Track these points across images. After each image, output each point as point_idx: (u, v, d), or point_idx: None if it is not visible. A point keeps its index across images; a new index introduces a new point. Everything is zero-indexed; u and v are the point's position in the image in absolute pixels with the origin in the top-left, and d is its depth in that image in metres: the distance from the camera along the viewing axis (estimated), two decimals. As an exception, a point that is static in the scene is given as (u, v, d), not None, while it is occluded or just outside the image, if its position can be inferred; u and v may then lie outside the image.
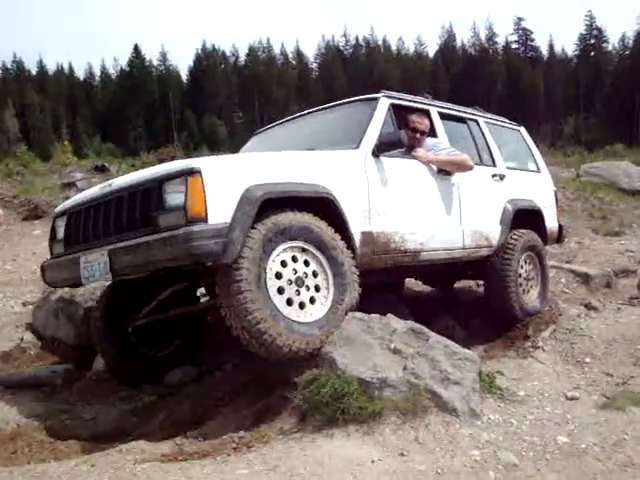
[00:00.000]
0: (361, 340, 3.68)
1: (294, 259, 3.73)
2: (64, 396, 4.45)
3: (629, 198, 14.68)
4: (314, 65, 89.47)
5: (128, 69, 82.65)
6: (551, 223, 6.35)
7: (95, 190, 4.06)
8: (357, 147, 4.41)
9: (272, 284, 3.58)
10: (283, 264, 3.67)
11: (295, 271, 3.71)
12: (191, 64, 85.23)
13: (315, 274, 3.81)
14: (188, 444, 3.51)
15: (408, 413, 3.39)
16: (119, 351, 4.56)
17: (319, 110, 5.43)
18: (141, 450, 3.39)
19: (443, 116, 5.44)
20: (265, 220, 3.56)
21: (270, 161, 3.95)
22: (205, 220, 3.32)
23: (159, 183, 3.49)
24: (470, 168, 5.14)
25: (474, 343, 5.36)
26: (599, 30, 80.00)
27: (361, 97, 5.12)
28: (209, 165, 3.47)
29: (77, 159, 20.44)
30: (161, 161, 18.99)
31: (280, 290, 3.62)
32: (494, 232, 5.48)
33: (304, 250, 3.77)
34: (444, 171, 5.01)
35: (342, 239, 3.95)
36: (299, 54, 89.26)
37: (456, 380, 3.58)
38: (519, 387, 4.23)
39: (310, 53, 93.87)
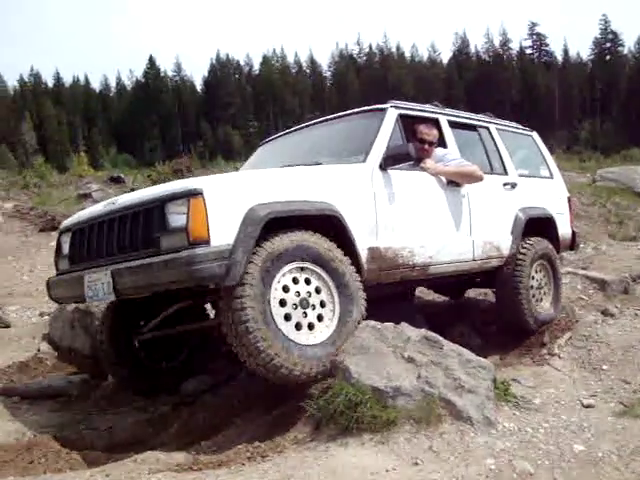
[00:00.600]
0: (375, 349, 3.67)
1: (295, 281, 3.66)
2: (80, 406, 4.48)
3: (646, 202, 14.57)
4: (328, 73, 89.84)
5: (143, 80, 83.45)
6: (564, 230, 6.26)
7: (99, 207, 4.06)
8: (364, 161, 4.35)
9: (278, 313, 3.54)
10: (285, 289, 3.61)
11: (298, 293, 3.66)
12: (205, 74, 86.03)
13: (318, 290, 3.75)
14: (203, 454, 3.50)
15: (422, 422, 3.37)
16: (130, 371, 4.55)
17: (326, 120, 5.38)
18: (156, 460, 3.39)
19: (453, 124, 5.34)
20: (266, 244, 3.52)
21: (274, 179, 3.90)
22: (207, 242, 3.30)
23: (161, 204, 3.47)
24: (480, 179, 5.03)
25: (489, 351, 5.33)
26: (614, 34, 79.65)
27: (368, 107, 5.05)
28: (211, 186, 3.43)
29: (93, 170, 20.70)
30: (176, 172, 19.17)
31: (287, 317, 3.59)
32: (505, 242, 5.38)
33: (303, 269, 3.70)
34: (453, 182, 4.93)
35: (348, 256, 3.90)
36: (313, 63, 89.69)
37: (470, 388, 3.56)
38: (535, 395, 4.20)
39: (324, 62, 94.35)
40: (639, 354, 4.92)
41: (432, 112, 5.22)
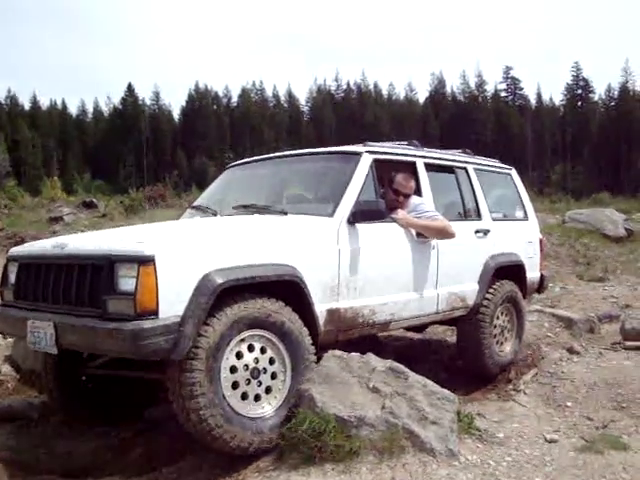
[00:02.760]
0: (340, 378, 3.66)
1: (250, 348, 3.49)
2: (40, 430, 4.38)
3: (613, 244, 14.82)
4: (305, 108, 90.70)
5: (121, 107, 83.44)
6: (533, 274, 6.13)
7: (47, 247, 3.83)
8: (332, 215, 4.11)
9: (226, 380, 3.37)
10: (239, 356, 3.44)
11: (252, 363, 3.48)
12: (184, 104, 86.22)
13: (272, 361, 3.58)
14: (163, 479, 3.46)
15: (385, 452, 3.37)
16: (82, 405, 4.33)
17: (299, 155, 5.13)
18: (114, 486, 3.34)
19: (430, 167, 5.10)
20: (220, 314, 3.32)
21: (233, 238, 3.67)
22: (156, 314, 3.09)
23: (111, 262, 3.22)
24: (451, 236, 4.82)
25: (456, 385, 5.32)
26: (585, 81, 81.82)
27: (343, 149, 4.79)
28: (164, 251, 3.19)
29: (66, 195, 20.52)
30: (150, 199, 19.15)
31: (235, 385, 3.42)
32: (471, 292, 5.25)
33: (259, 337, 3.52)
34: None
35: (304, 318, 3.72)
36: (291, 97, 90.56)
37: (434, 420, 3.57)
38: (499, 429, 4.22)
39: (302, 96, 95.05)
40: (602, 392, 4.98)
41: (409, 155, 4.99)
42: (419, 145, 5.24)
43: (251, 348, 3.49)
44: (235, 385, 3.42)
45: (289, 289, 3.69)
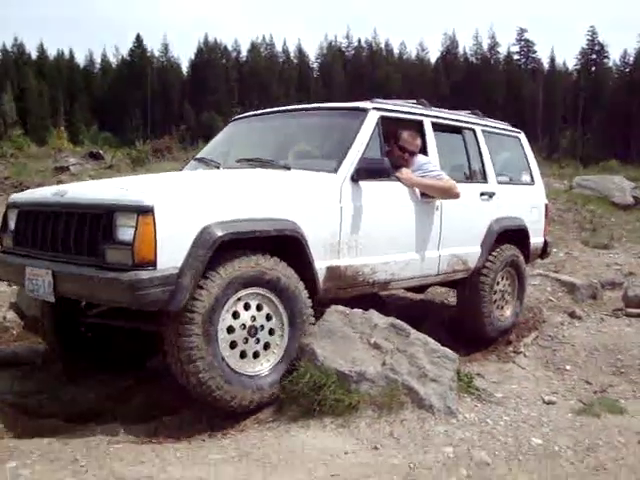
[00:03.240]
0: (342, 333, 3.69)
1: (246, 307, 3.48)
2: (43, 376, 4.43)
3: (620, 212, 14.73)
4: (315, 65, 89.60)
5: (129, 58, 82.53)
6: (536, 239, 6.11)
7: (47, 195, 3.78)
8: (335, 171, 4.06)
9: (224, 341, 3.38)
10: (235, 316, 3.44)
11: (249, 320, 3.48)
12: (192, 57, 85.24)
13: (269, 317, 3.58)
14: (164, 428, 3.50)
15: (384, 408, 3.41)
16: (81, 355, 4.36)
17: (305, 110, 5.05)
18: (116, 432, 3.37)
19: (437, 126, 5.03)
20: (219, 269, 3.30)
21: (234, 191, 3.62)
22: (154, 264, 3.08)
23: (110, 211, 3.21)
24: (456, 196, 4.78)
25: (457, 346, 5.34)
26: (601, 45, 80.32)
27: (349, 105, 4.72)
28: (163, 202, 3.15)
29: (72, 146, 20.43)
30: (156, 152, 19.03)
31: (233, 345, 3.43)
32: (473, 255, 5.23)
33: (256, 295, 3.51)
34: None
35: (303, 275, 3.71)
36: (301, 53, 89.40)
37: (434, 377, 3.60)
38: (497, 389, 4.26)
39: (312, 53, 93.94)
40: (602, 357, 5.01)
41: (417, 114, 4.92)
42: (427, 104, 5.16)
43: (247, 306, 3.48)
44: (233, 345, 3.43)
45: (289, 245, 3.67)
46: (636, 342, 5.19)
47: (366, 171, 4.09)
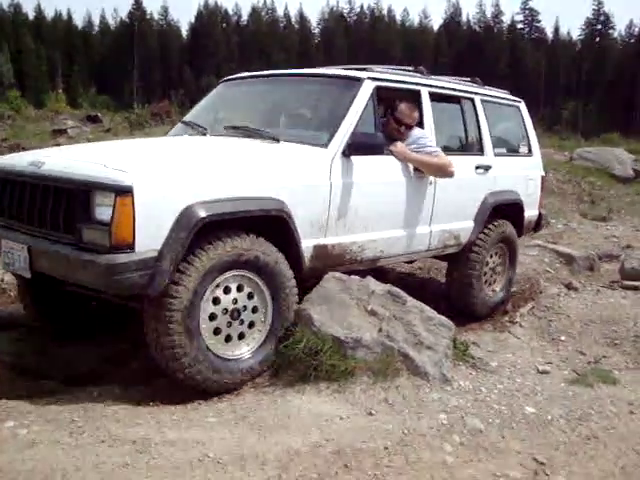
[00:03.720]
0: (339, 299, 3.70)
1: (226, 290, 3.36)
2: (40, 337, 4.44)
3: (620, 185, 14.72)
4: (316, 30, 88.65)
5: (128, 21, 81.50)
6: (531, 212, 5.96)
7: (24, 163, 3.52)
8: (326, 145, 3.89)
9: (206, 328, 3.29)
10: (216, 301, 3.33)
11: (230, 303, 3.38)
12: (192, 20, 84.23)
13: (251, 296, 3.47)
14: (160, 391, 3.52)
15: (379, 374, 3.44)
16: (67, 323, 4.30)
17: (298, 75, 4.83)
18: (113, 394, 3.40)
19: (435, 96, 4.83)
20: (202, 253, 3.18)
21: (219, 169, 3.42)
22: (132, 247, 2.94)
23: (87, 189, 3.04)
24: (450, 176, 4.61)
25: (453, 315, 5.38)
26: (606, 16, 79.56)
27: (344, 73, 4.50)
28: (144, 181, 2.99)
29: (70, 109, 20.27)
30: (155, 116, 18.90)
31: (216, 331, 3.35)
32: (466, 230, 5.10)
33: (237, 276, 3.39)
34: None
35: (288, 253, 3.60)
36: (302, 18, 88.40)
37: (429, 345, 3.62)
38: (492, 358, 4.29)
39: (313, 18, 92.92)
40: (597, 328, 5.04)
41: (414, 84, 4.72)
42: (425, 72, 4.99)
43: (227, 290, 3.38)
44: (217, 331, 3.36)
45: (275, 224, 3.54)
46: (631, 314, 5.22)
47: (358, 146, 3.94)
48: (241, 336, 3.47)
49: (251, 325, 3.51)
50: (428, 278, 6.55)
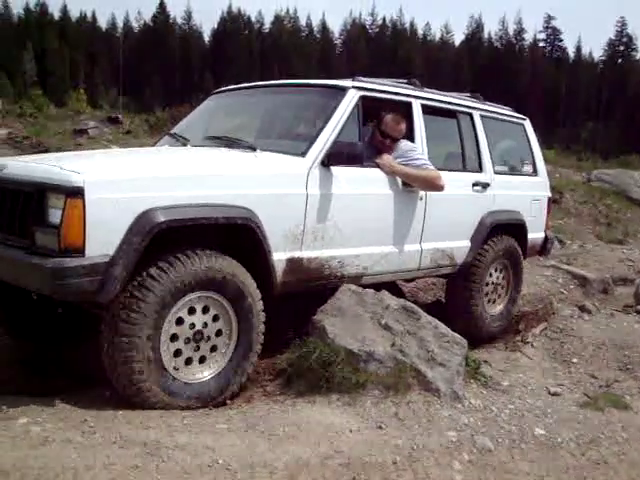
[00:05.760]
0: (353, 312, 3.71)
1: (191, 311, 3.23)
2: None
3: (637, 208, 14.61)
4: (338, 41, 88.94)
5: (151, 24, 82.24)
6: (535, 235, 5.75)
7: None
8: (303, 155, 3.74)
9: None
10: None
11: (193, 325, 3.24)
12: (215, 26, 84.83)
13: (216, 318, 3.33)
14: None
15: (391, 388, 3.44)
16: (37, 331, 4.15)
17: (286, 86, 4.76)
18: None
19: (428, 109, 4.65)
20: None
21: (181, 174, 3.26)
22: (82, 252, 2.82)
23: (41, 191, 2.94)
24: (439, 189, 4.41)
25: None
26: (629, 37, 79.29)
27: (329, 82, 4.36)
28: (96, 183, 2.87)
29: (91, 109, 20.43)
30: (174, 119, 19.01)
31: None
32: (461, 250, 4.90)
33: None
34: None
35: (258, 265, 3.47)
36: (324, 28, 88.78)
37: (442, 362, 3.62)
38: (504, 377, 4.28)
39: (336, 28, 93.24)
40: (609, 352, 5.01)
41: (404, 95, 4.54)
42: (419, 84, 4.81)
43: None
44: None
45: (242, 234, 3.39)
46: (644, 339, 5.19)
47: (338, 156, 3.77)
48: (202, 359, 3.32)
49: (213, 349, 3.36)
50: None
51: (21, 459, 2.51)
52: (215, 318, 3.33)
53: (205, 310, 3.29)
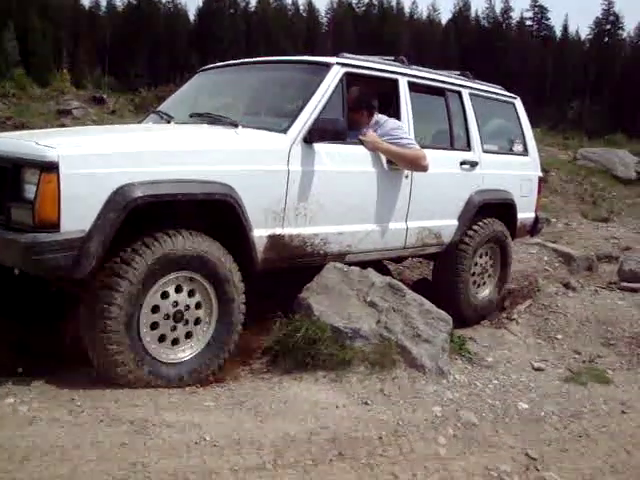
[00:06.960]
0: (339, 290, 3.73)
1: (178, 289, 3.25)
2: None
3: (622, 186, 14.74)
4: (324, 20, 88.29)
5: (135, 3, 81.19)
6: (525, 214, 5.71)
7: None
8: (285, 131, 3.71)
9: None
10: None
11: (176, 304, 3.24)
12: (200, 5, 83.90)
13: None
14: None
15: (376, 365, 3.48)
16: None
17: (271, 63, 4.72)
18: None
19: (416, 87, 4.59)
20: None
21: (159, 150, 3.23)
22: (57, 227, 2.81)
23: (17, 165, 2.91)
24: (423, 169, 4.37)
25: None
26: (616, 16, 79.17)
27: (313, 59, 4.33)
28: (71, 157, 2.85)
29: (75, 89, 20.18)
30: (161, 99, 18.82)
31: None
32: (448, 229, 4.86)
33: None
34: None
35: (237, 241, 3.45)
36: (310, 6, 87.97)
37: (427, 338, 3.66)
38: (488, 354, 4.34)
39: (322, 7, 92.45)
40: (593, 328, 5.07)
41: (390, 72, 4.50)
42: (406, 62, 4.76)
43: (179, 289, 3.27)
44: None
45: (222, 210, 3.37)
46: (628, 316, 5.24)
47: (320, 132, 3.74)
48: (175, 342, 3.31)
49: (189, 335, 3.35)
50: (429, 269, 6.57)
51: (9, 438, 2.52)
52: (191, 293, 3.32)
53: (178, 290, 3.27)
